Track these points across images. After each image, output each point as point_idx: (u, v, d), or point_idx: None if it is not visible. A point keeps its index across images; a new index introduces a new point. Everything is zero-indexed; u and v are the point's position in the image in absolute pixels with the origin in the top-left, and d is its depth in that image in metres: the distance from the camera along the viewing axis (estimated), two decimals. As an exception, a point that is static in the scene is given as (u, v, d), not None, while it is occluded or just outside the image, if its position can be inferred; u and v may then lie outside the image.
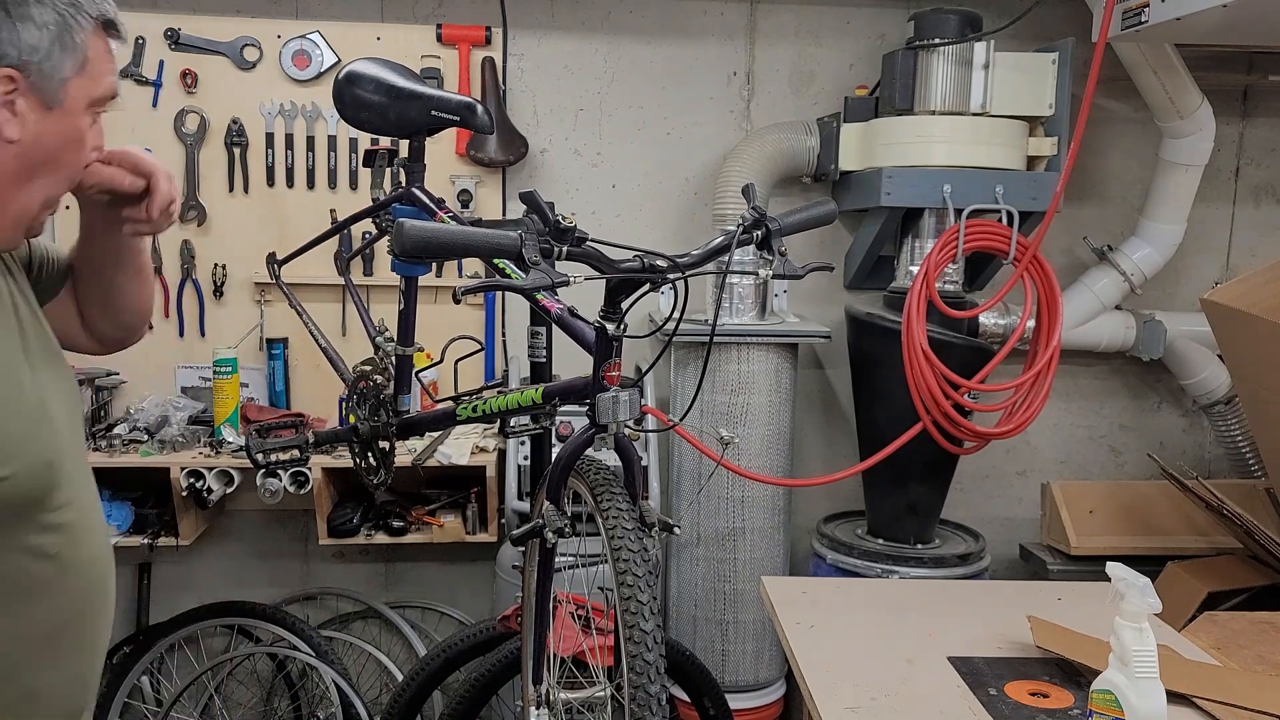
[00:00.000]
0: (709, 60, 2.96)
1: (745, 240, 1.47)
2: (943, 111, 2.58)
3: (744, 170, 2.75)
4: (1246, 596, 2.51)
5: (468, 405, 1.67)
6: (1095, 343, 2.95)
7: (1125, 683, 1.28)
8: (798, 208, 1.53)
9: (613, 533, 1.34)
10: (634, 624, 1.27)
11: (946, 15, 2.57)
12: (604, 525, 1.36)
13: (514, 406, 1.59)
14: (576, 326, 1.54)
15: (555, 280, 1.27)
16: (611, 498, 1.39)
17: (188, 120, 2.80)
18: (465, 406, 1.67)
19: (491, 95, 2.83)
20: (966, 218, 2.50)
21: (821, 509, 2.98)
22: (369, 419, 1.91)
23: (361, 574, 3.10)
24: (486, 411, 1.64)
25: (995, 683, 1.53)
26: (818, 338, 2.75)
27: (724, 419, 2.67)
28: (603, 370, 1.43)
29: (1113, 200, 3.07)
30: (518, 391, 1.59)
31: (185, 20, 2.77)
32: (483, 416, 1.66)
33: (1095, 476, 3.16)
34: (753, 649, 2.74)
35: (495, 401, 1.62)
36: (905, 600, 1.92)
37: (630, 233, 2.98)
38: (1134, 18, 2.38)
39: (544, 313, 1.61)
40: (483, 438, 2.73)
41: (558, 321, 1.59)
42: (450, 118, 1.76)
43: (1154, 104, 2.76)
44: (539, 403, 1.56)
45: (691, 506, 2.74)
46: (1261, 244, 3.11)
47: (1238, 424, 2.95)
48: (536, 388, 1.57)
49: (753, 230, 1.47)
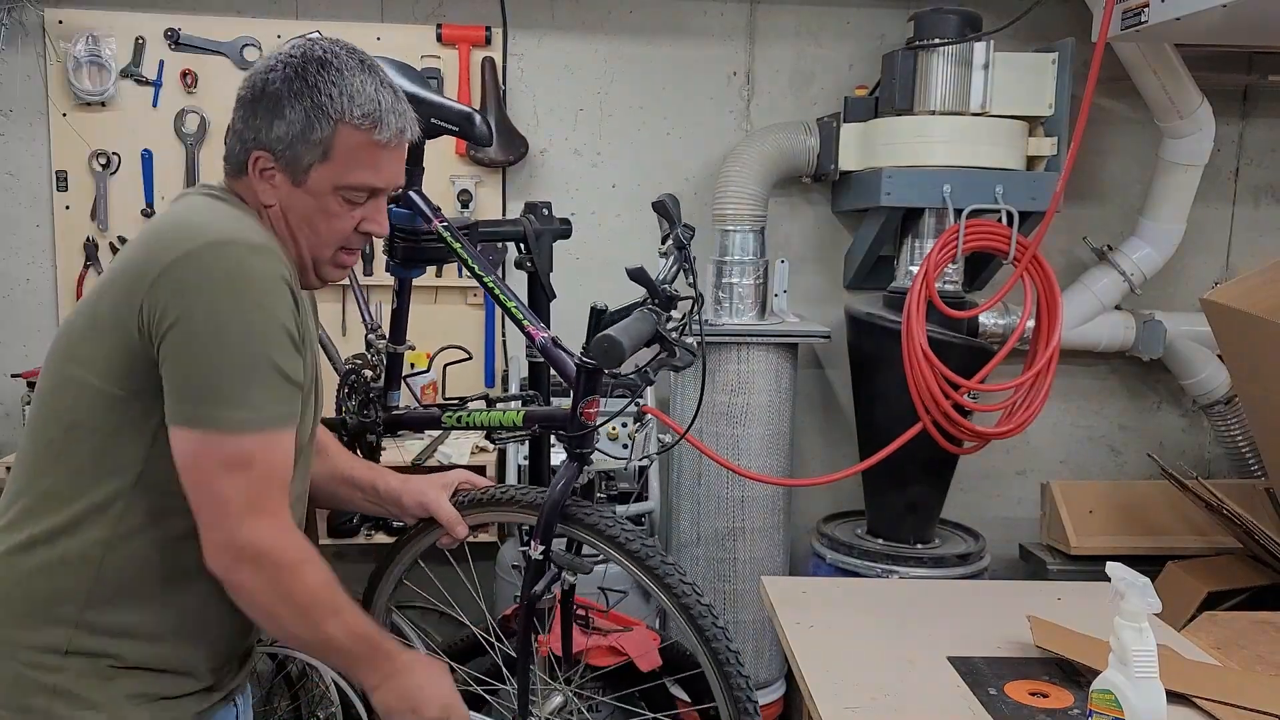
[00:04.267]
0: (709, 60, 2.96)
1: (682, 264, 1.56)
2: (942, 111, 2.58)
3: (744, 170, 2.75)
4: (1246, 596, 2.51)
5: (453, 414, 1.70)
6: (1095, 343, 2.95)
7: (1125, 683, 1.28)
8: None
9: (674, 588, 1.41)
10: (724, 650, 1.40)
11: (946, 15, 2.57)
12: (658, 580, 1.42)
13: (496, 424, 1.62)
14: (559, 357, 1.57)
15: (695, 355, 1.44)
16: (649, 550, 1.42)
17: (188, 120, 2.80)
18: (451, 415, 1.70)
19: (491, 95, 2.83)
20: (966, 218, 2.50)
21: (821, 509, 2.98)
22: (357, 413, 1.92)
23: (361, 574, 3.07)
24: (470, 423, 1.68)
25: (995, 682, 1.53)
26: (817, 338, 2.75)
27: (724, 419, 2.67)
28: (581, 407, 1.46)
29: (1112, 200, 3.07)
30: (500, 411, 1.63)
31: (185, 20, 2.77)
32: (467, 427, 1.69)
33: (1095, 476, 3.16)
34: (753, 649, 2.74)
35: (480, 416, 1.67)
36: (905, 600, 1.92)
37: (630, 233, 2.98)
38: (1134, 18, 2.38)
39: (529, 340, 1.64)
40: (483, 437, 2.73)
41: (541, 350, 1.62)
42: (449, 127, 1.77)
43: (1154, 104, 2.76)
44: (519, 425, 1.59)
45: (691, 506, 2.74)
46: (1261, 244, 3.11)
47: (1238, 424, 2.95)
48: (519, 410, 1.62)
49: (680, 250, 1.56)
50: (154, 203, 2.81)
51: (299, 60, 1.30)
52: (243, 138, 1.33)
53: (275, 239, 1.32)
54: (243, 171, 1.34)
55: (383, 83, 1.33)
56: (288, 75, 1.29)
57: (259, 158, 1.31)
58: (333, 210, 1.34)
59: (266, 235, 1.30)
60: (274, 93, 1.29)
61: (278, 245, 1.30)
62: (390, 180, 1.37)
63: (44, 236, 2.84)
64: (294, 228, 1.35)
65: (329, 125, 1.29)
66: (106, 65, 2.75)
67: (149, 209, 2.81)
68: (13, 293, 2.87)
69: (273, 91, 1.29)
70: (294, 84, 1.29)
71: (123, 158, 2.80)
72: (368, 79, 1.31)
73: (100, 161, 2.79)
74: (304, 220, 1.34)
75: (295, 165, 1.31)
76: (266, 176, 1.32)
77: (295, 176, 1.31)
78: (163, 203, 2.82)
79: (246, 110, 1.32)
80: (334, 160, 1.31)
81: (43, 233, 2.84)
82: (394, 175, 1.37)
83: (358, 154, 1.31)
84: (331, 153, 1.30)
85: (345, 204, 1.34)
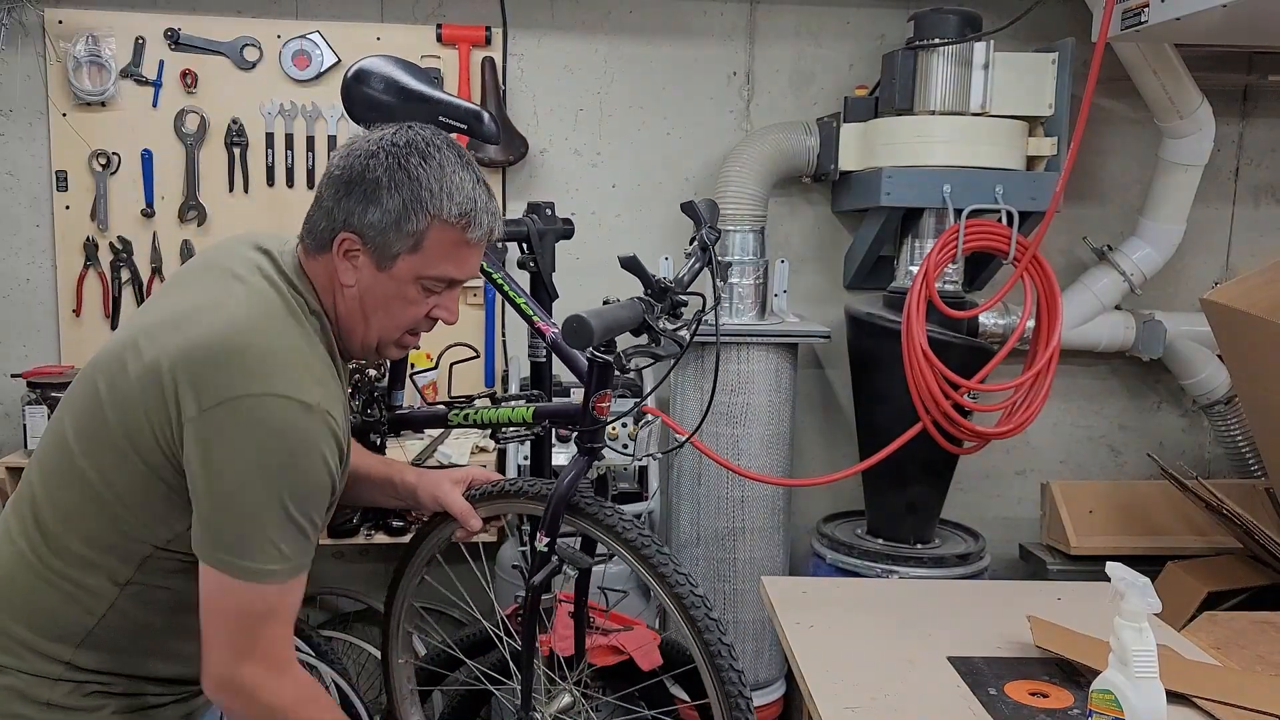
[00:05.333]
0: (709, 60, 2.96)
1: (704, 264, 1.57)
2: (942, 111, 2.58)
3: (744, 170, 2.75)
4: (1246, 596, 2.51)
5: (459, 412, 1.70)
6: (1095, 343, 2.95)
7: (1125, 683, 1.28)
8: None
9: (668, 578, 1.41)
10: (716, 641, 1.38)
11: (946, 15, 2.57)
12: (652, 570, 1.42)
13: (504, 421, 1.62)
14: (570, 353, 1.56)
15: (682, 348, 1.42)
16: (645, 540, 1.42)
17: (188, 120, 2.80)
18: (457, 413, 1.70)
19: (491, 95, 2.83)
20: (966, 218, 2.50)
21: (821, 509, 2.98)
22: (361, 412, 1.92)
23: (361, 574, 3.10)
24: (478, 421, 1.68)
25: (995, 682, 1.53)
26: (817, 338, 2.75)
27: (724, 419, 2.67)
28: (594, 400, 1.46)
29: (1112, 200, 3.07)
30: (509, 408, 1.63)
31: (185, 20, 2.77)
32: (474, 424, 1.69)
33: (1095, 476, 3.16)
34: (752, 649, 2.74)
35: (487, 413, 1.66)
36: (905, 600, 1.92)
37: (630, 232, 2.98)
38: (1134, 18, 2.38)
39: (539, 335, 1.63)
40: (483, 438, 2.73)
41: (552, 346, 1.62)
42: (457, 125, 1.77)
43: (1154, 104, 2.76)
44: (529, 422, 1.59)
45: (691, 506, 2.74)
46: (1261, 244, 3.11)
47: (1238, 424, 2.95)
48: (529, 406, 1.61)
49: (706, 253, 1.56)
50: (154, 202, 2.81)
51: (402, 149, 1.30)
52: (332, 216, 1.32)
53: (325, 360, 1.32)
54: (326, 249, 1.34)
55: (479, 180, 1.34)
56: (390, 164, 1.29)
57: (347, 239, 1.31)
58: (410, 297, 1.35)
59: (324, 374, 1.29)
60: (374, 179, 1.29)
61: (333, 384, 1.30)
62: (470, 274, 1.38)
63: (44, 236, 2.84)
64: (368, 310, 1.35)
65: (425, 219, 1.29)
66: (106, 65, 2.75)
67: (149, 209, 2.81)
68: (13, 293, 2.86)
69: (373, 178, 1.30)
70: (395, 174, 1.29)
71: (123, 158, 2.80)
72: (466, 176, 1.32)
73: (100, 161, 2.79)
74: (380, 304, 1.35)
75: (383, 252, 1.31)
76: (350, 258, 1.32)
77: (381, 263, 1.32)
78: (162, 202, 2.82)
79: (340, 190, 1.32)
80: (423, 253, 1.31)
81: (43, 233, 2.84)
82: (474, 269, 1.39)
83: (447, 249, 1.32)
84: (422, 245, 1.31)
85: (423, 292, 1.35)
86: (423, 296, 1.36)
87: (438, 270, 1.34)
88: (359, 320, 1.37)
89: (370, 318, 1.36)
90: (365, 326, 1.37)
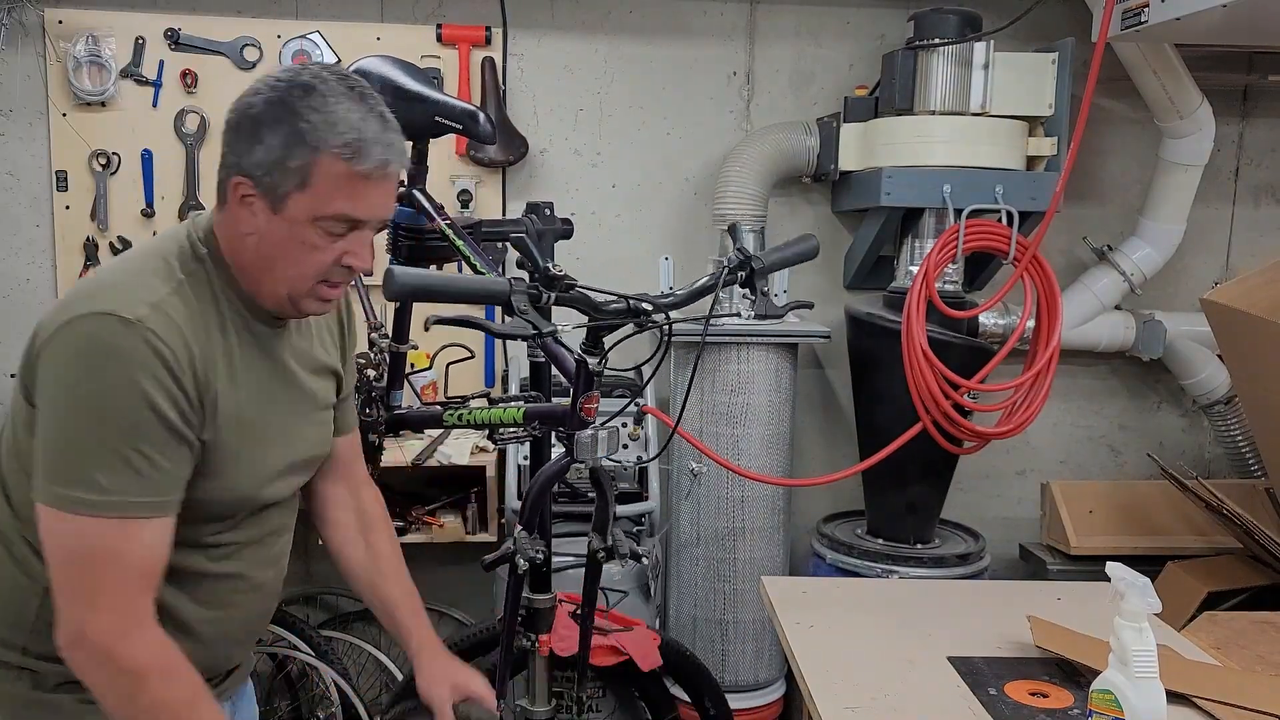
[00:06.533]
0: (709, 60, 2.96)
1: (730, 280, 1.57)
2: (942, 111, 2.58)
3: (744, 170, 2.75)
4: (1246, 596, 2.51)
5: (454, 413, 1.71)
6: (1095, 343, 2.95)
7: (1125, 683, 1.28)
8: (779, 246, 1.61)
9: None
10: None
11: (946, 15, 2.57)
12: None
13: (496, 422, 1.64)
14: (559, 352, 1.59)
15: (543, 329, 1.40)
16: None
17: (188, 120, 2.80)
18: (452, 413, 1.71)
19: (491, 95, 2.83)
20: (966, 218, 2.50)
21: (821, 509, 2.98)
22: (359, 412, 1.93)
23: (361, 574, 3.09)
24: (471, 421, 1.69)
25: (995, 682, 1.53)
26: (817, 338, 2.75)
27: (724, 418, 2.67)
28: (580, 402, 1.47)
29: (1112, 200, 3.07)
30: (500, 409, 1.65)
31: (185, 20, 2.77)
32: (468, 425, 1.70)
33: (1095, 476, 3.16)
34: (752, 649, 2.74)
35: (480, 414, 1.68)
36: (905, 600, 1.92)
37: (630, 232, 2.98)
38: (1134, 18, 2.38)
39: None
40: (483, 438, 2.72)
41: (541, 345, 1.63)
42: (453, 125, 1.77)
43: (1154, 104, 2.76)
44: (519, 422, 1.61)
45: (691, 506, 2.74)
46: (1261, 244, 3.11)
47: (1238, 424, 2.95)
48: (519, 407, 1.63)
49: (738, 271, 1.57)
50: (153, 202, 2.81)
51: (284, 85, 1.25)
52: (225, 162, 1.28)
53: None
54: (225, 200, 1.29)
55: (370, 111, 1.26)
56: (270, 100, 1.25)
57: (239, 183, 1.26)
58: (311, 241, 1.27)
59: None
60: (255, 116, 1.25)
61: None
62: (372, 213, 1.29)
63: (44, 236, 2.84)
64: (272, 257, 1.28)
65: (306, 152, 1.23)
66: (106, 65, 2.75)
67: (149, 209, 2.81)
68: (13, 293, 2.86)
69: (253, 115, 1.25)
70: (276, 109, 1.24)
71: (123, 158, 2.80)
72: (354, 106, 1.25)
73: (100, 161, 2.79)
74: (281, 250, 1.28)
75: (274, 193, 1.25)
76: (246, 203, 1.26)
77: (275, 205, 1.25)
78: (162, 202, 2.82)
79: (230, 135, 1.28)
80: (313, 189, 1.24)
81: (43, 233, 2.84)
82: (376, 208, 1.29)
83: (337, 184, 1.24)
84: (310, 181, 1.24)
85: (325, 235, 1.27)
86: (327, 241, 1.27)
87: (332, 208, 1.25)
88: (265, 270, 1.30)
89: (275, 266, 1.29)
90: (272, 276, 1.30)
